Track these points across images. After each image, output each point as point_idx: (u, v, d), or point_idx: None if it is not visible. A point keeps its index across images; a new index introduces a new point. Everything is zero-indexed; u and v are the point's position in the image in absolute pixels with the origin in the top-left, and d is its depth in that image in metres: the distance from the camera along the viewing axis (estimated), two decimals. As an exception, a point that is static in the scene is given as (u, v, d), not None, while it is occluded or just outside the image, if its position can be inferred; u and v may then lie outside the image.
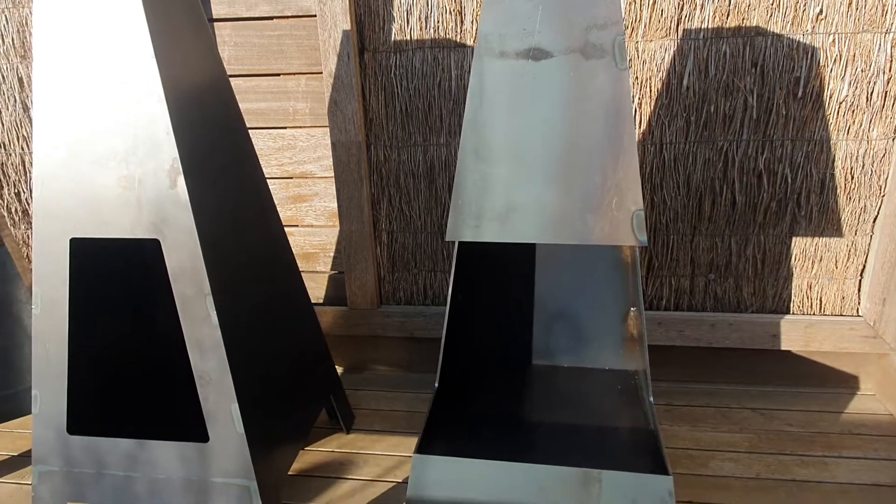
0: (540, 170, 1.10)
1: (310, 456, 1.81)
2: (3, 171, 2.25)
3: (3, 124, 2.20)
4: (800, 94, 1.81)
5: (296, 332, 1.65)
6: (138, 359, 1.69)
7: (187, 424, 1.56)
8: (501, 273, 1.71)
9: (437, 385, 1.50)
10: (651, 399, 1.43)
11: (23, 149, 2.22)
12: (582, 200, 1.10)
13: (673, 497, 1.18)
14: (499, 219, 1.12)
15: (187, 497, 1.33)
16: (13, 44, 2.11)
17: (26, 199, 2.28)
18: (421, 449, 1.29)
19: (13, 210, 2.30)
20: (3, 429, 1.96)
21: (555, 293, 1.69)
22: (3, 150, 2.23)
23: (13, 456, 1.83)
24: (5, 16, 2.07)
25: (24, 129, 2.20)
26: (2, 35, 2.10)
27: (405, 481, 1.68)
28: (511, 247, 1.71)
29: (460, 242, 1.35)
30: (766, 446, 1.81)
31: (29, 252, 2.33)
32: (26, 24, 2.08)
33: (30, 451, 1.84)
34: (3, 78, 2.14)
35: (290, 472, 1.73)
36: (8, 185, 2.27)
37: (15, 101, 2.16)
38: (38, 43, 1.21)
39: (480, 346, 1.81)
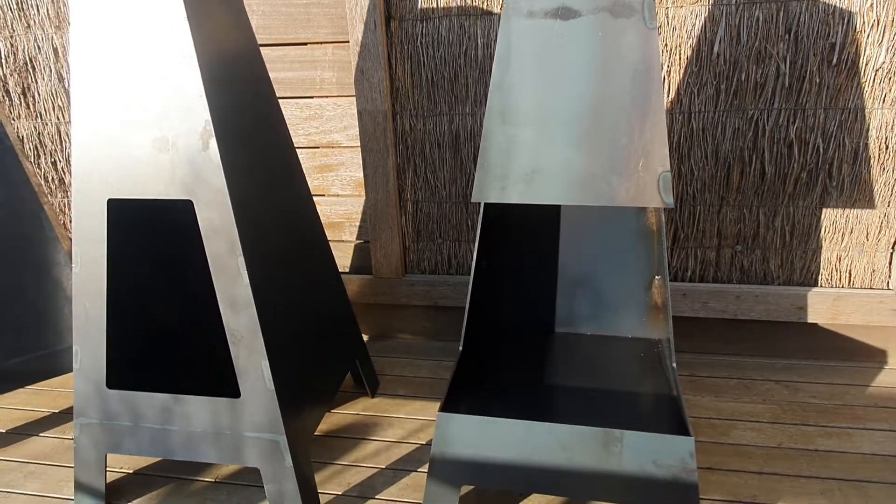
0: (566, 131, 1.11)
1: (336, 418, 1.86)
2: (40, 141, 2.32)
3: (39, 94, 2.25)
4: (834, 60, 1.77)
5: (322, 295, 1.69)
6: (170, 316, 1.75)
7: (219, 380, 1.61)
8: (526, 241, 1.72)
9: (460, 349, 1.53)
10: (674, 365, 1.44)
11: (58, 118, 2.28)
12: (608, 162, 1.10)
13: (694, 458, 1.19)
14: (524, 180, 1.13)
15: (220, 450, 1.39)
16: (48, 14, 2.15)
17: (62, 168, 2.35)
18: (445, 408, 1.32)
19: (50, 179, 2.36)
20: (44, 387, 2.04)
21: (579, 261, 1.70)
22: (39, 120, 2.29)
23: (54, 413, 1.91)
24: (40, -13, 2.12)
25: (59, 100, 2.25)
26: (37, 6, 2.14)
27: (429, 443, 1.72)
28: (535, 214, 1.71)
29: (486, 208, 1.36)
30: (788, 417, 1.80)
31: (65, 219, 2.40)
32: (60, -6, 2.12)
33: (68, 408, 1.92)
34: (39, 48, 2.19)
35: (317, 433, 1.78)
36: (45, 154, 2.33)
37: (50, 71, 2.21)
38: (75, 8, 1.24)
39: (503, 313, 1.83)
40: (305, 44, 2.06)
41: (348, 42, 2.01)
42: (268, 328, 1.34)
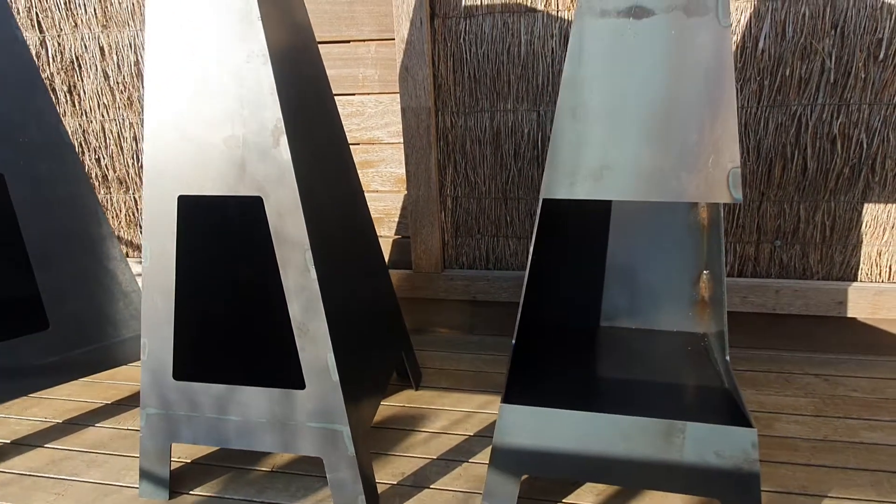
0: (636, 128, 1.13)
1: (384, 409, 1.89)
2: (85, 139, 2.36)
3: (84, 92, 2.29)
4: (881, 56, 1.78)
5: (376, 288, 1.72)
6: (223, 309, 1.79)
7: (275, 371, 1.65)
8: (575, 234, 1.74)
9: (514, 342, 1.55)
10: (727, 358, 1.46)
11: (103, 116, 2.32)
12: (678, 158, 1.12)
13: (756, 448, 1.22)
14: (593, 176, 1.15)
15: (283, 438, 1.42)
16: (94, 13, 2.18)
17: (106, 165, 2.39)
18: (507, 399, 1.35)
19: (93, 175, 2.40)
20: (95, 379, 2.09)
21: (627, 255, 1.72)
22: (84, 118, 2.33)
23: (107, 404, 1.95)
24: (87, -14, 2.15)
25: (104, 97, 2.29)
26: (84, 5, 2.17)
27: (476, 434, 1.75)
28: (587, 209, 1.73)
29: (544, 205, 1.38)
30: (831, 410, 1.82)
31: (108, 214, 2.44)
32: (106, -7, 2.15)
33: (120, 399, 1.96)
34: (85, 47, 2.23)
35: (366, 424, 1.81)
36: (89, 150, 2.37)
37: (96, 69, 2.25)
38: (151, 6, 1.27)
39: (550, 307, 1.85)
40: (349, 41, 2.08)
41: (392, 39, 2.03)
42: (332, 321, 1.37)
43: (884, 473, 1.56)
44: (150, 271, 1.38)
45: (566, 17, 1.90)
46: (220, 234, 1.80)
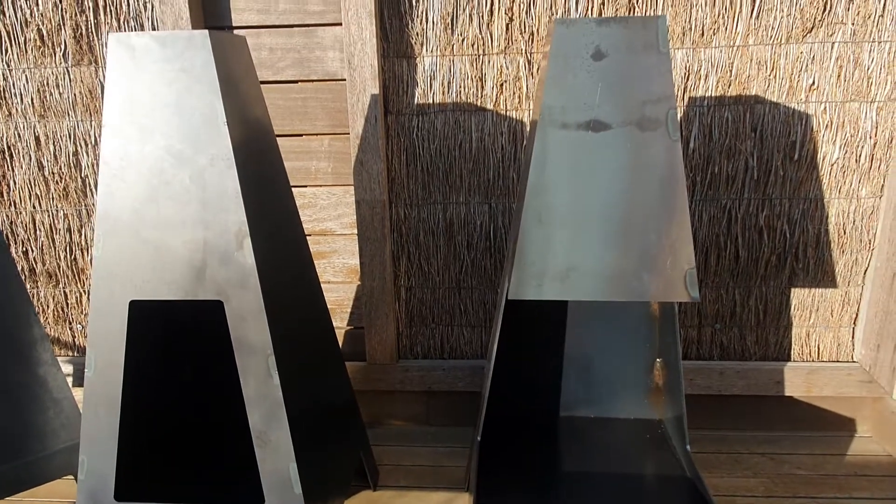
0: (599, 232, 1.18)
1: (340, 516, 1.78)
2: (12, 230, 2.22)
3: (14, 182, 2.18)
4: (796, 156, 1.97)
5: (335, 386, 1.66)
6: (173, 417, 1.67)
7: (231, 484, 1.53)
8: (533, 325, 1.77)
9: (479, 438, 1.53)
10: (688, 447, 1.49)
11: (34, 207, 2.20)
12: (639, 260, 1.18)
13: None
14: (559, 278, 1.19)
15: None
16: (31, 103, 2.12)
17: (34, 258, 2.25)
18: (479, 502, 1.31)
19: (20, 268, 2.25)
20: (16, 500, 1.87)
21: (584, 345, 1.76)
22: (13, 209, 2.20)
23: (24, 527, 1.75)
24: (26, 76, 2.09)
25: (37, 188, 2.18)
26: (21, 94, 2.11)
27: (441, 539, 1.68)
28: (544, 300, 1.77)
29: (507, 302, 1.40)
30: (780, 490, 1.88)
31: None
32: (47, 84, 2.10)
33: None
34: (20, 137, 2.14)
35: (322, 534, 1.70)
36: (16, 243, 2.23)
37: (30, 159, 2.16)
38: (109, 104, 1.24)
39: (509, 397, 1.85)
40: (301, 135, 2.11)
41: (345, 134, 2.07)
42: (295, 428, 1.30)
43: (839, 555, 1.61)
44: (93, 382, 1.28)
45: (514, 117, 2.01)
46: (171, 335, 1.70)
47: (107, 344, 1.28)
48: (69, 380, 2.22)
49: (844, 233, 2.03)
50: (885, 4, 1.83)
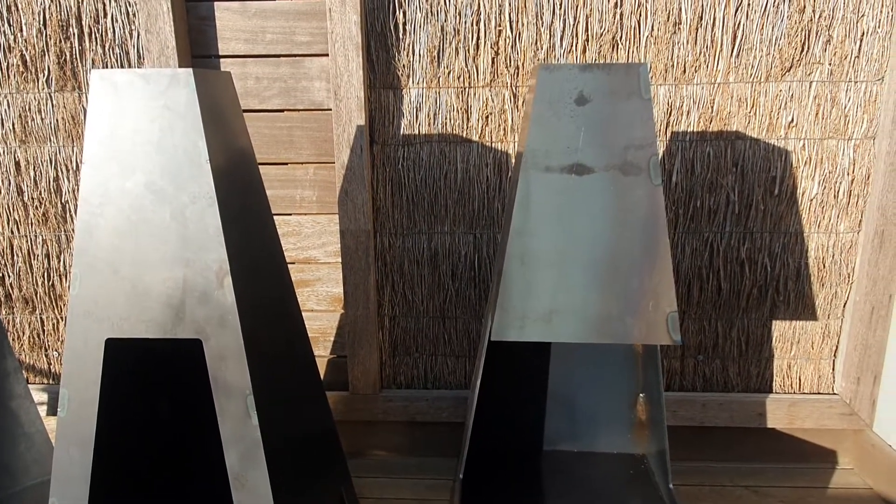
0: (582, 275, 1.19)
1: (319, 553, 1.75)
2: (-11, 255, 2.18)
3: (-7, 207, 2.15)
4: (776, 191, 2.00)
5: (315, 421, 1.64)
6: (151, 458, 1.63)
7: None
8: (517, 361, 1.76)
9: (461, 476, 1.51)
10: (671, 486, 1.48)
11: (12, 232, 2.17)
12: (622, 303, 1.18)
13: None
14: (543, 320, 1.19)
15: None
16: (13, 128, 2.09)
17: (11, 284, 2.21)
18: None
19: (-4, 294, 2.21)
20: (-22, 534, 1.81)
21: (567, 380, 1.75)
22: (-10, 233, 2.17)
23: (-8, 565, 1.69)
24: (7, 101, 2.07)
25: (16, 213, 2.15)
26: (2, 119, 2.08)
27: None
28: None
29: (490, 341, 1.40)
30: (764, 525, 1.87)
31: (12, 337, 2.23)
32: (29, 109, 2.08)
33: (10, 558, 1.71)
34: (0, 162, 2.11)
35: (301, 572, 1.66)
36: (-7, 268, 2.19)
37: (10, 184, 2.13)
38: (90, 139, 1.23)
39: (494, 430, 1.83)
40: (286, 163, 2.10)
41: (331, 163, 2.07)
42: (274, 469, 1.28)
43: None
44: (66, 422, 1.25)
45: (499, 148, 2.02)
46: (149, 368, 1.67)
47: (81, 382, 1.25)
48: (43, 409, 2.17)
49: (824, 266, 2.05)
50: (860, 46, 1.87)
